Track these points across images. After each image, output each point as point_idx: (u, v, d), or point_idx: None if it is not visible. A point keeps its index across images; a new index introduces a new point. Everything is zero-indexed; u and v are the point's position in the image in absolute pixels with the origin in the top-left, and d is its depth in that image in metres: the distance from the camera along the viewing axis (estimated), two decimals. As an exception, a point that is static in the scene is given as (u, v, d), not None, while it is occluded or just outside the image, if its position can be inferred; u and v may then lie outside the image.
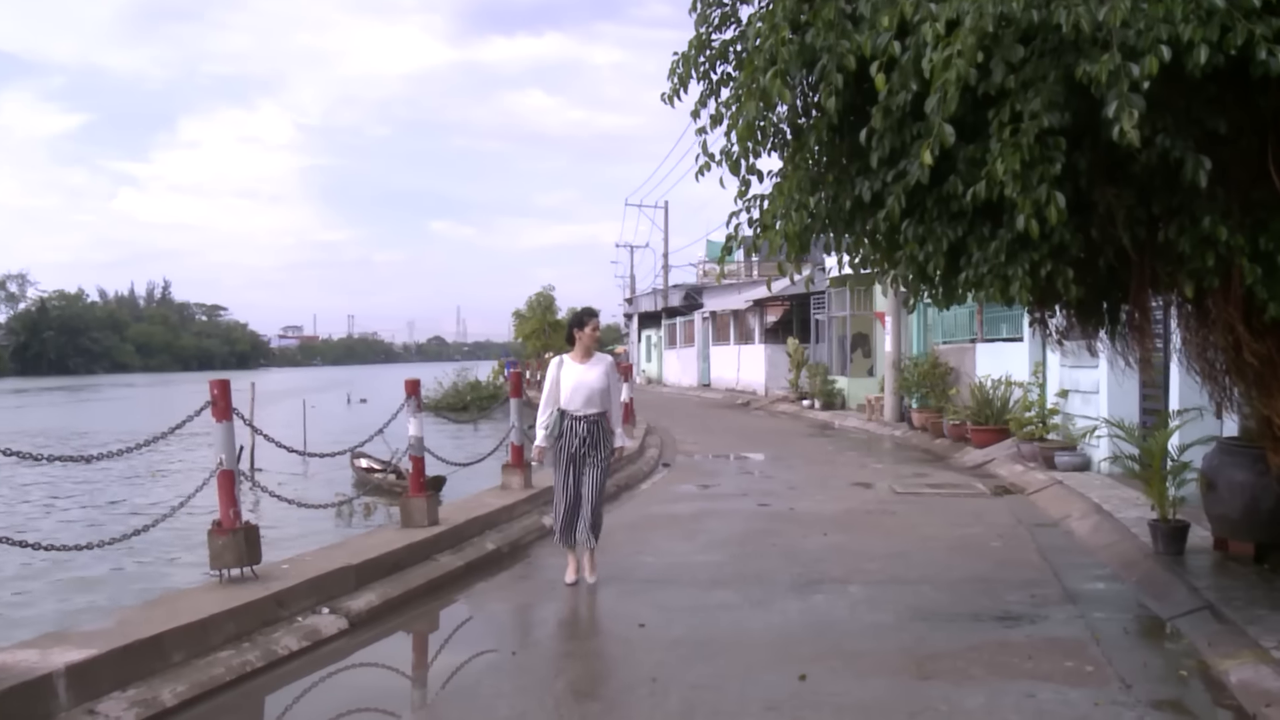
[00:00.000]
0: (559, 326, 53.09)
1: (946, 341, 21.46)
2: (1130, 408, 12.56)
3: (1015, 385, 16.62)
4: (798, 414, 27.55)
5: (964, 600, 7.59)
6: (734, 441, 20.57)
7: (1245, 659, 5.87)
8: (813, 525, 10.75)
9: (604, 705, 5.50)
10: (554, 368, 8.20)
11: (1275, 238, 4.94)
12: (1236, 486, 7.91)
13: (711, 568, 8.80)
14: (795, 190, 5.47)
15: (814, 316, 30.59)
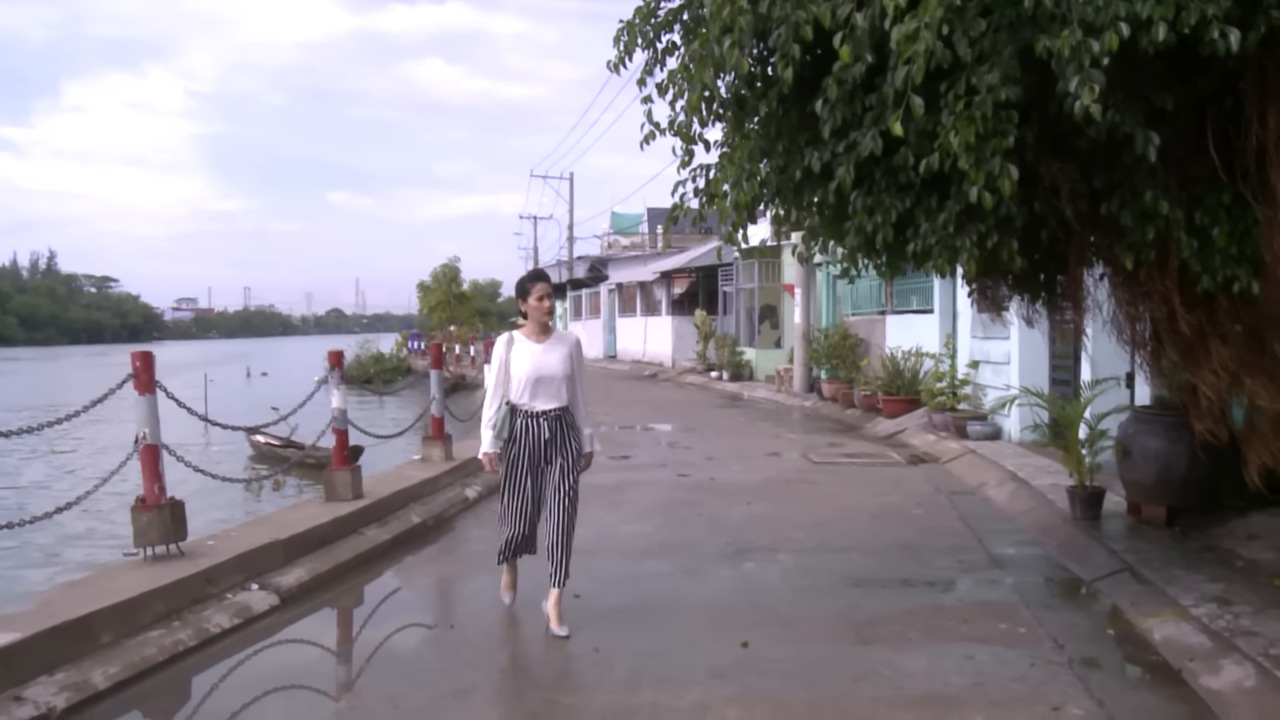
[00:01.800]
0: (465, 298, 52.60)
1: (856, 313, 21.75)
2: (1040, 378, 12.89)
3: (926, 356, 16.92)
4: (706, 385, 27.70)
5: (893, 566, 7.73)
6: (645, 413, 20.62)
7: (1167, 617, 6.09)
8: (735, 495, 10.84)
9: (551, 676, 5.50)
10: (502, 348, 6.28)
11: (1210, 213, 5.11)
12: (1151, 453, 8.18)
13: (640, 538, 8.83)
14: (746, 160, 5.49)
15: (722, 288, 30.78)
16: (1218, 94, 5.03)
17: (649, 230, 46.42)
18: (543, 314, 6.29)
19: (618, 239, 49.56)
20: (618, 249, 47.80)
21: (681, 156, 5.85)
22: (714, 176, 5.77)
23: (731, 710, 4.96)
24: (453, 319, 48.77)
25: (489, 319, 62.50)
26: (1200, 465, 7.92)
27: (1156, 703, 5.06)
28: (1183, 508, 8.18)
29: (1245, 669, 5.18)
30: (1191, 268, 5.18)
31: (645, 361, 36.59)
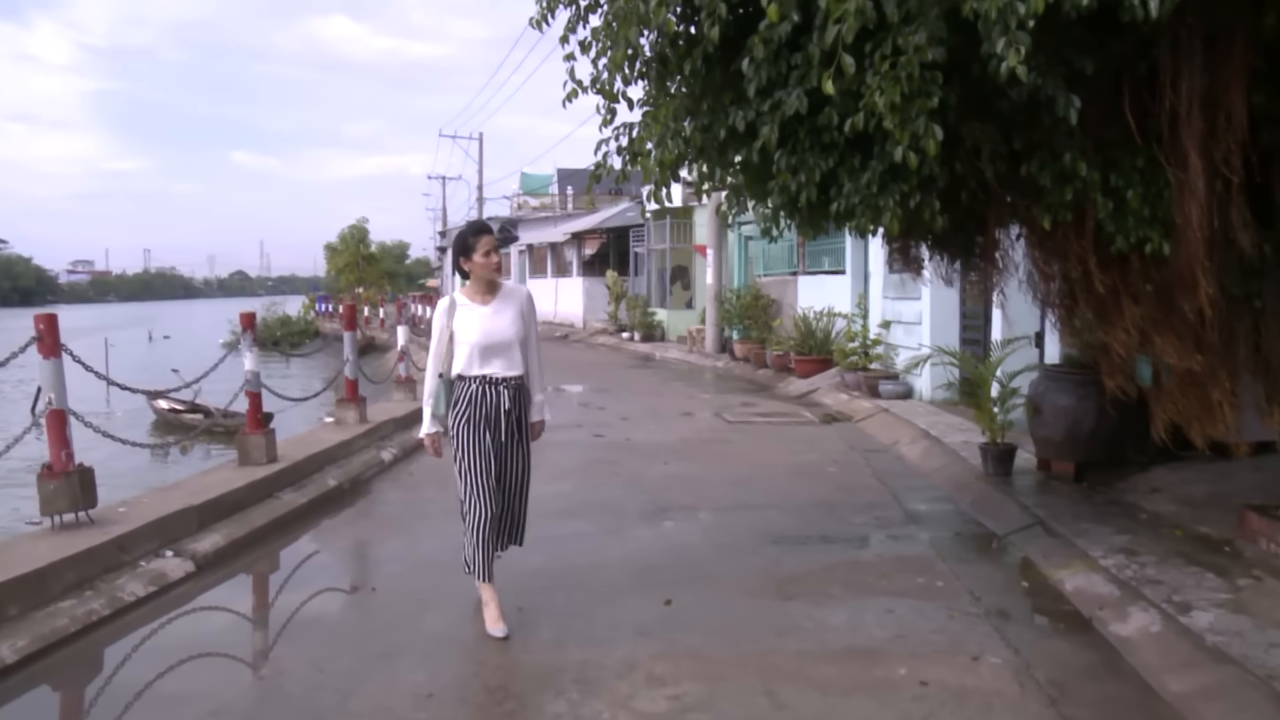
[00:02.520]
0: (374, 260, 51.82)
1: (768, 274, 21.91)
2: (951, 338, 13.14)
3: (838, 316, 17.13)
4: (618, 346, 27.74)
5: (812, 523, 7.83)
6: (558, 374, 20.56)
7: (1077, 568, 6.27)
8: (652, 455, 10.89)
9: (476, 637, 5.47)
10: (442, 314, 5.56)
11: (1125, 175, 5.23)
12: (1060, 410, 8.39)
13: (559, 498, 8.82)
14: (670, 118, 5.47)
15: (633, 249, 30.78)
16: (1133, 60, 5.13)
17: (559, 191, 46.13)
18: (491, 270, 5.50)
19: (527, 200, 49.19)
20: (528, 210, 47.45)
21: (604, 115, 5.81)
22: (637, 135, 5.74)
23: (659, 666, 5.00)
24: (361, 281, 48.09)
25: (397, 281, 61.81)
26: (1107, 422, 8.16)
27: (1069, 650, 5.21)
28: (1090, 463, 8.42)
29: (1151, 615, 5.36)
30: (1106, 229, 5.30)
31: (556, 323, 36.49)
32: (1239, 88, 4.96)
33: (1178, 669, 4.79)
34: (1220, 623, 5.13)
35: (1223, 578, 5.76)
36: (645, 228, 28.68)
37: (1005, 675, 4.86)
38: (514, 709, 4.56)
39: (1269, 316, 5.72)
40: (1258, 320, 5.77)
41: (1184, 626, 5.14)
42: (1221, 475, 7.79)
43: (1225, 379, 5.73)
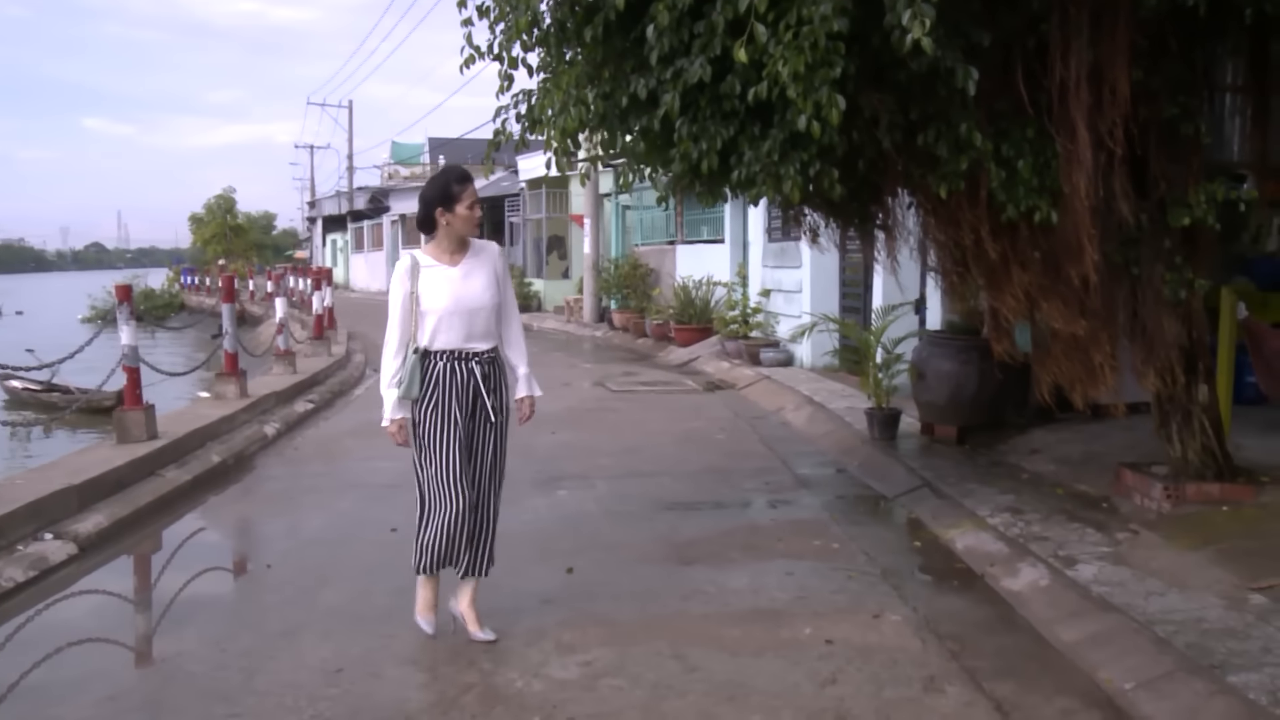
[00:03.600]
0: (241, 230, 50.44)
1: (646, 244, 21.99)
2: (831, 306, 13.38)
3: (718, 285, 17.29)
4: (492, 317, 27.53)
5: (705, 490, 7.93)
6: (438, 346, 20.37)
7: (966, 528, 6.48)
8: (539, 424, 10.58)
9: (379, 611, 5.39)
10: (404, 277, 4.75)
11: (1016, 145, 5.40)
12: (943, 375, 8.64)
13: (451, 469, 8.77)
14: (572, 86, 5.45)
15: (508, 219, 30.57)
16: (1024, 33, 5.30)
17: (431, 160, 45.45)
18: (473, 226, 4.81)
19: (398, 169, 48.38)
20: (399, 180, 46.67)
21: (502, 82, 5.76)
22: (537, 102, 5.71)
23: (567, 634, 5.02)
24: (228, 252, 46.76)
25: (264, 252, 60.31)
26: (988, 386, 8.45)
27: (965, 605, 5.39)
28: (972, 426, 8.69)
29: (1039, 570, 5.58)
30: (998, 198, 5.47)
31: (432, 294, 36.03)
32: (1122, 63, 5.16)
33: (1067, 619, 5.00)
34: (1103, 574, 5.37)
35: (1102, 532, 6.02)
36: (520, 197, 28.51)
37: (906, 631, 5.01)
38: (426, 681, 4.54)
39: (1145, 283, 5.97)
40: (1135, 287, 6.02)
41: (1070, 579, 5.37)
42: (1095, 436, 8.13)
43: (1106, 343, 5.97)
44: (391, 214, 41.83)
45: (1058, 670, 4.54)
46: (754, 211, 15.93)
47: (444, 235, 4.79)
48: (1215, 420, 6.21)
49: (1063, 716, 4.09)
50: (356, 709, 4.27)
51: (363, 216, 45.81)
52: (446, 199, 4.71)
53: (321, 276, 18.23)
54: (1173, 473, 6.28)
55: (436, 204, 4.73)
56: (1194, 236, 5.88)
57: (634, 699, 4.31)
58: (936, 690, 4.35)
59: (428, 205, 4.77)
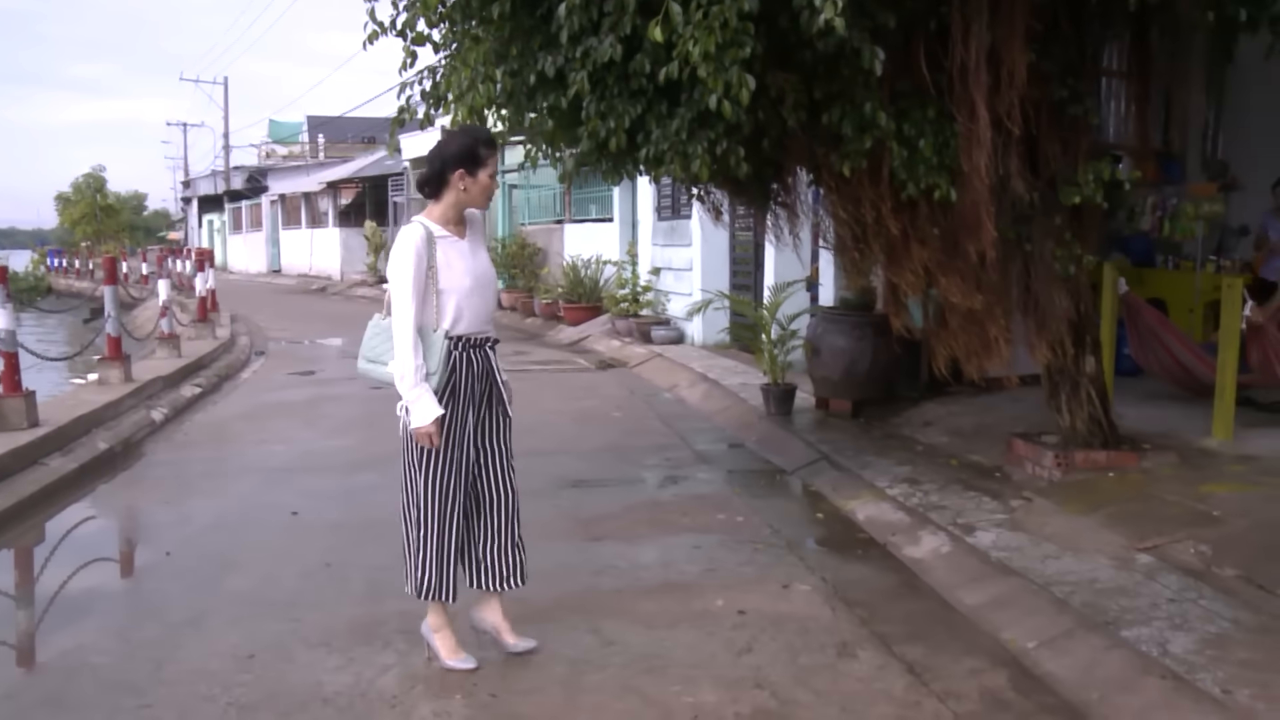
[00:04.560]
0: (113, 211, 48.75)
1: (533, 222, 21.92)
2: (722, 284, 13.52)
3: (608, 264, 17.32)
4: (378, 298, 26.60)
5: (606, 467, 7.97)
6: (323, 327, 20.08)
7: (866, 498, 6.65)
8: (435, 405, 10.78)
9: (287, 595, 5.32)
10: (419, 248, 4.05)
11: (917, 125, 5.55)
12: (837, 351, 8.82)
13: (346, 452, 8.68)
14: (480, 63, 5.41)
15: (392, 199, 30.18)
16: (925, 15, 5.44)
17: (310, 139, 44.56)
18: (488, 199, 4.32)
19: (276, 149, 47.31)
20: (277, 159, 45.65)
21: (405, 58, 5.71)
22: (443, 79, 5.66)
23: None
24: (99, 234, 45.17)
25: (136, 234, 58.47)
26: (881, 361, 8.67)
27: (871, 573, 5.54)
28: (866, 400, 8.89)
29: (940, 538, 5.77)
30: (899, 175, 5.61)
31: (312, 275, 35.44)
32: (1019, 46, 5.33)
33: (969, 584, 5.17)
34: (1001, 540, 5.57)
35: (998, 500, 6.23)
36: (404, 176, 28.13)
37: (816, 600, 5.13)
38: (341, 664, 4.48)
39: (1037, 259, 6.18)
40: (1027, 262, 6.23)
41: (970, 546, 5.55)
42: (985, 408, 8.39)
43: (1001, 316, 6.17)
44: (271, 194, 40.90)
45: (964, 633, 4.70)
46: (643, 190, 15.99)
47: (454, 203, 4.18)
48: (1101, 391, 6.47)
49: (972, 676, 4.24)
50: (272, 693, 4.21)
51: (240, 197, 44.66)
52: (471, 160, 4.11)
53: (204, 258, 17.77)
54: (1062, 441, 6.53)
55: (457, 165, 4.11)
56: (1082, 214, 6.12)
57: (554, 674, 4.33)
58: (850, 656, 4.47)
59: (445, 165, 4.12)
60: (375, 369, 4.28)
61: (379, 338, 4.26)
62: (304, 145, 44.56)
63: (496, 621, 4.52)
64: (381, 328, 4.23)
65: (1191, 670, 3.96)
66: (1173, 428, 7.15)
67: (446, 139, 4.25)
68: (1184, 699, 3.80)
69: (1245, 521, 5.41)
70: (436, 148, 4.21)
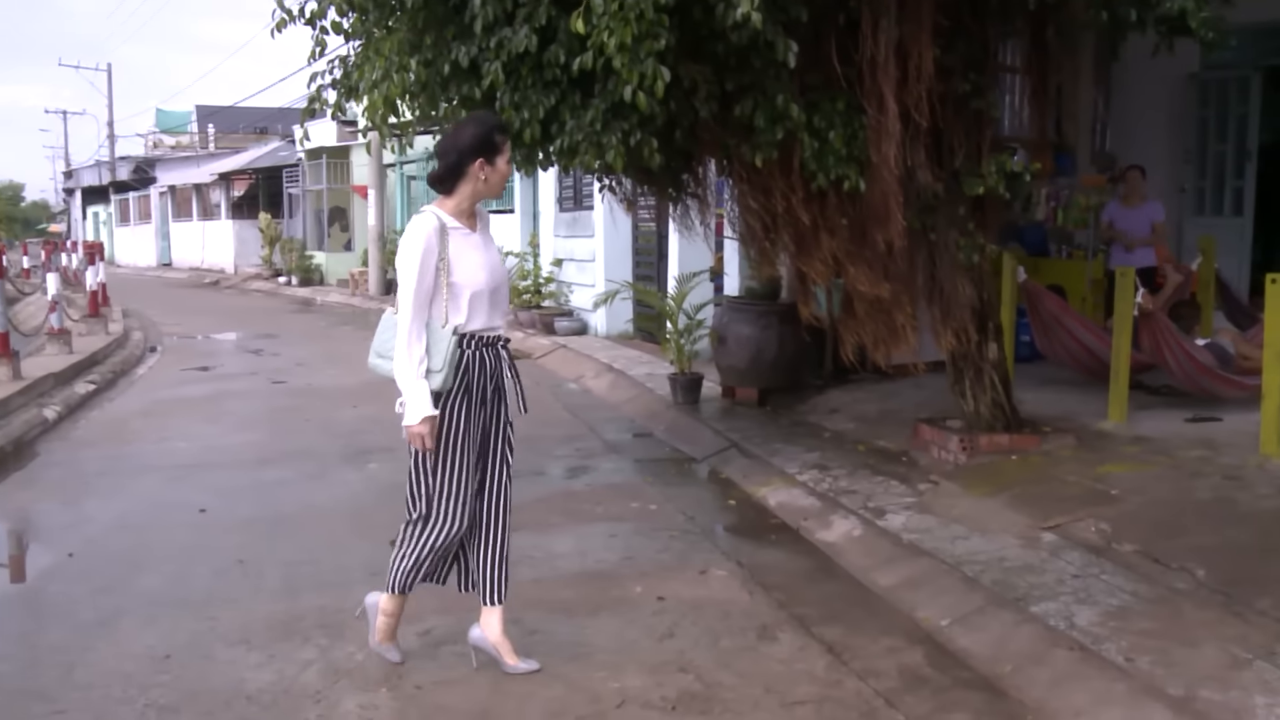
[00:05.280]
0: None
1: (433, 215, 21.72)
2: (625, 274, 13.56)
3: (510, 255, 17.25)
4: (275, 291, 26.74)
5: (517, 458, 7.91)
6: (219, 321, 19.67)
7: (777, 485, 6.76)
8: (338, 399, 10.68)
9: (201, 594, 5.23)
10: (430, 240, 3.88)
11: (826, 117, 5.65)
12: (743, 340, 8.93)
13: (252, 447, 8.55)
14: (394, 53, 5.37)
15: (287, 190, 29.62)
16: (835, 9, 5.54)
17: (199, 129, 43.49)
18: (503, 188, 4.22)
19: (163, 138, 46.06)
20: (165, 149, 44.44)
21: (314, 48, 5.65)
22: (356, 69, 5.61)
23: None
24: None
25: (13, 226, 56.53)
26: (787, 349, 8.81)
27: (785, 557, 5.64)
28: (772, 388, 9.02)
29: (851, 521, 5.90)
30: (809, 167, 5.71)
31: (205, 269, 34.65)
32: (927, 40, 5.47)
33: (882, 565, 5.31)
34: (911, 523, 5.71)
35: (905, 484, 6.39)
36: (300, 168, 27.66)
37: (734, 585, 5.21)
38: (261, 660, 4.43)
39: (941, 248, 6.34)
40: (932, 251, 6.39)
41: (881, 529, 5.69)
42: (888, 394, 8.58)
43: (908, 305, 6.33)
44: (160, 185, 39.81)
45: (879, 613, 4.83)
46: (545, 182, 15.97)
47: (471, 194, 4.01)
48: (1004, 376, 6.67)
49: (890, 654, 4.35)
50: (192, 693, 4.14)
51: (128, 188, 43.33)
52: (489, 148, 3.95)
53: (94, 251, 17.26)
54: (966, 426, 6.72)
55: (476, 154, 3.93)
56: (984, 205, 6.31)
57: (478, 664, 4.33)
58: (770, 638, 4.56)
59: (462, 155, 3.93)
60: (384, 364, 4.10)
61: (389, 332, 4.07)
62: (193, 135, 43.47)
63: (497, 641, 4.31)
64: (392, 322, 4.06)
65: (1097, 641, 4.13)
66: (1070, 411, 7.40)
67: (458, 130, 4.08)
68: (1091, 668, 3.96)
69: (1141, 499, 5.64)
70: (449, 140, 4.04)
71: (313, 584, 5.33)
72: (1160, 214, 9.20)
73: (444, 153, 4.01)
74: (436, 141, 4.26)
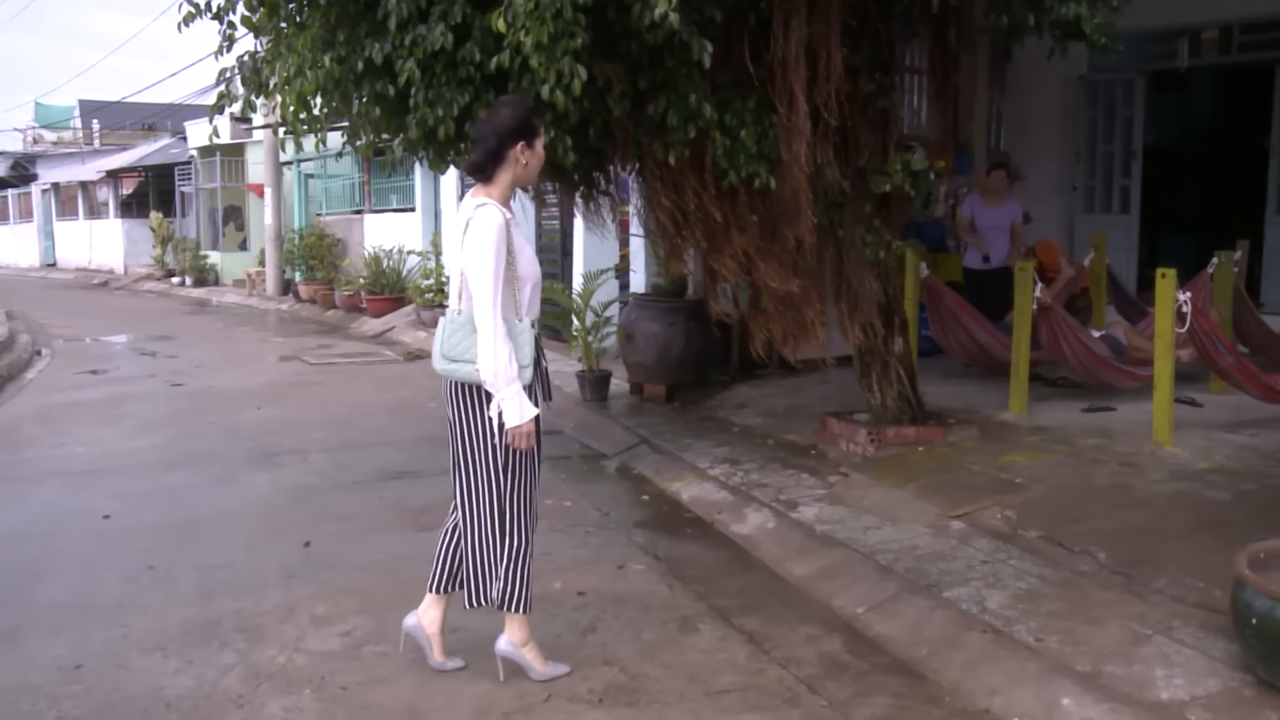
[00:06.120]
0: None
1: (331, 213, 21.45)
2: (530, 272, 13.55)
3: (412, 254, 17.13)
4: (168, 292, 26.12)
5: (427, 457, 7.92)
6: (110, 323, 19.14)
7: (689, 480, 6.84)
8: (241, 401, 10.51)
9: (110, 601, 5.10)
10: (500, 232, 3.76)
11: (738, 115, 5.74)
12: (651, 336, 9.01)
13: (155, 451, 8.37)
14: (308, 49, 5.31)
15: (179, 188, 28.92)
16: (746, 9, 5.63)
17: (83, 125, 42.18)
18: (539, 172, 4.22)
19: (44, 134, 44.56)
20: (46, 145, 43.00)
21: (221, 43, 5.56)
22: (266, 65, 5.54)
23: (319, 606, 4.96)
24: None
25: None
26: (694, 345, 8.92)
27: (701, 551, 5.72)
28: (680, 385, 9.12)
29: (764, 514, 6.00)
30: (720, 164, 5.79)
31: (93, 269, 33.64)
32: (836, 41, 5.59)
33: (797, 556, 5.41)
34: (823, 514, 5.84)
35: (816, 476, 6.51)
36: (192, 166, 27.03)
37: (652, 578, 5.27)
38: (179, 666, 4.36)
39: (849, 244, 6.48)
40: (840, 248, 6.53)
41: (794, 520, 5.81)
42: (795, 389, 8.73)
43: (817, 300, 6.45)
44: (42, 182, 38.53)
45: (797, 602, 4.93)
46: (447, 180, 15.88)
47: (511, 180, 3.91)
48: (910, 369, 6.84)
49: (809, 642, 4.45)
50: (108, 703, 4.06)
51: (6, 185, 41.86)
52: (529, 130, 3.88)
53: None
54: (873, 419, 6.87)
55: (517, 137, 3.84)
56: (889, 202, 6.46)
57: (403, 663, 4.33)
58: (691, 630, 4.63)
59: (501, 139, 3.82)
60: (462, 369, 3.88)
61: (459, 333, 3.88)
62: (76, 131, 42.16)
63: (434, 633, 4.27)
64: (460, 323, 3.88)
65: (1008, 623, 4.28)
66: (972, 404, 7.62)
67: (493, 113, 3.96)
68: (1003, 649, 4.11)
69: (1043, 487, 5.84)
70: (486, 124, 3.91)
71: (227, 588, 5.25)
72: (1019, 215, 9.37)
73: (482, 138, 3.89)
74: (473, 128, 4.11)
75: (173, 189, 29.33)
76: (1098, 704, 3.65)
